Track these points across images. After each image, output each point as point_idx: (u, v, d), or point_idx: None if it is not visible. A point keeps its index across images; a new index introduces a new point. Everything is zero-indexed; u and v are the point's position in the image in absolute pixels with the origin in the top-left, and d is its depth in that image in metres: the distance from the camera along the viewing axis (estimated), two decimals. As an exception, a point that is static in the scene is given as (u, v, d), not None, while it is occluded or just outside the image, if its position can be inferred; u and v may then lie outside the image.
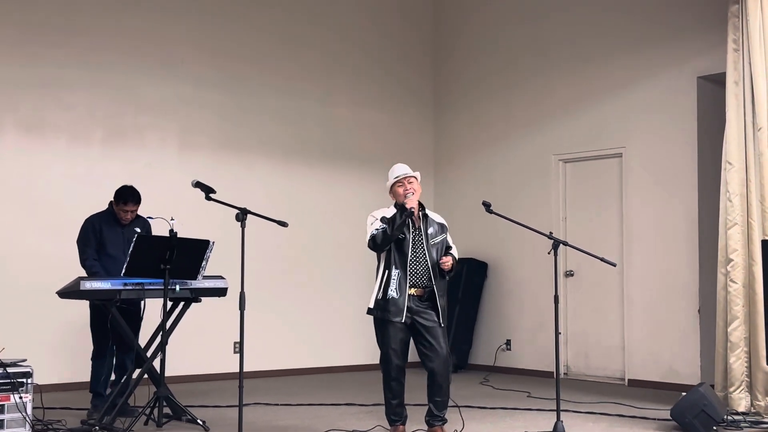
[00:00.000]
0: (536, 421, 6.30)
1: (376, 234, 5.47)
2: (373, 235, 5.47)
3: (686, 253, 7.97)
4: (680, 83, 8.07)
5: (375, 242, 5.48)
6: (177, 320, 6.40)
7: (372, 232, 5.50)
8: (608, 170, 8.70)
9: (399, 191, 5.62)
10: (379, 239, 5.47)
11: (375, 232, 5.48)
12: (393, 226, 5.46)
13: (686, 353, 7.89)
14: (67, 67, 8.03)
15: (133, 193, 6.43)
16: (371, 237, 5.48)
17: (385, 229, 5.46)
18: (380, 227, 5.48)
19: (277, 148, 9.21)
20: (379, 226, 5.50)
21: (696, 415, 5.82)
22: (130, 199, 6.40)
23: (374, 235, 5.47)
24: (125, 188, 6.47)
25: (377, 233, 5.47)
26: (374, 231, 5.49)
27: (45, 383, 6.49)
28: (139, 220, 6.57)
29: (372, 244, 5.50)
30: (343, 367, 9.38)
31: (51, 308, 7.20)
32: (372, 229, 5.53)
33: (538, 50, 9.32)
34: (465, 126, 10.02)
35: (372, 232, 5.49)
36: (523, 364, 9.20)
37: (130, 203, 6.40)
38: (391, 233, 5.45)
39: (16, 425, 5.75)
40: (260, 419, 6.35)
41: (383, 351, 5.57)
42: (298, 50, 9.43)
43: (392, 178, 5.66)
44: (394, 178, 5.65)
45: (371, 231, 5.51)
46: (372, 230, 5.51)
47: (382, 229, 5.47)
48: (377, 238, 5.47)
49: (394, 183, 5.64)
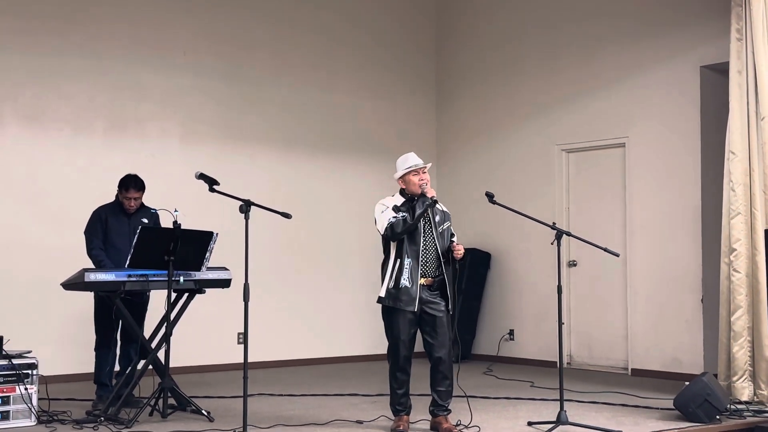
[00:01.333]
0: (539, 411, 6.31)
1: (395, 222, 5.45)
2: (392, 224, 5.45)
3: (689, 242, 7.97)
4: (683, 73, 8.05)
5: (394, 231, 5.46)
6: (181, 311, 6.41)
7: (390, 219, 5.47)
8: (611, 160, 8.70)
9: (414, 180, 5.60)
10: (399, 228, 5.45)
11: (393, 220, 5.46)
12: (414, 215, 5.46)
13: (689, 343, 7.90)
14: (67, 57, 8.01)
15: (135, 180, 6.45)
16: (390, 225, 5.45)
17: (405, 217, 5.45)
18: (400, 215, 5.47)
19: (279, 137, 9.21)
20: (393, 214, 5.49)
21: (699, 405, 5.83)
22: (132, 185, 6.41)
23: (393, 223, 5.45)
24: (128, 176, 6.50)
25: (396, 222, 5.45)
26: (392, 219, 5.47)
27: (50, 374, 6.50)
28: (146, 211, 6.57)
29: (390, 232, 5.47)
30: (346, 357, 9.39)
31: (55, 300, 7.22)
32: (386, 216, 5.51)
33: (542, 40, 9.30)
34: (468, 115, 10.00)
35: (390, 220, 5.47)
36: (527, 354, 9.21)
37: (132, 190, 6.40)
38: (412, 222, 5.45)
39: (22, 416, 5.78)
40: (264, 410, 6.37)
41: (392, 341, 5.58)
42: (300, 39, 9.41)
43: (405, 166, 5.63)
44: (407, 168, 5.62)
45: (387, 219, 5.48)
46: (387, 218, 5.49)
47: (403, 217, 5.46)
48: (397, 226, 5.45)
49: (408, 172, 5.63)
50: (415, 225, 5.48)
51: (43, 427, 5.70)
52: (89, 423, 5.76)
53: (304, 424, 5.82)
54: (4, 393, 5.73)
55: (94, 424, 5.71)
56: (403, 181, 5.66)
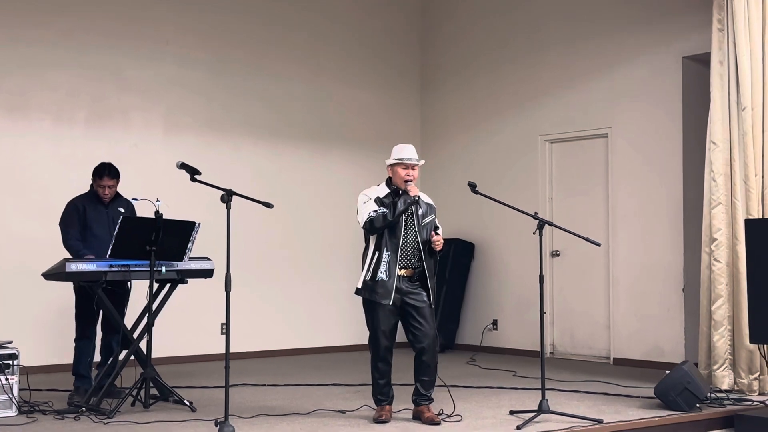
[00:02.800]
0: (522, 400, 6.34)
1: (375, 217, 5.45)
2: (371, 219, 5.45)
3: (671, 232, 8.01)
4: (666, 63, 8.08)
5: (373, 225, 5.47)
6: (163, 302, 6.39)
7: (370, 214, 5.47)
8: (594, 150, 8.73)
9: (401, 173, 5.59)
10: (378, 223, 5.46)
11: (373, 215, 5.46)
12: (394, 211, 5.46)
13: (671, 332, 7.95)
14: (50, 47, 7.97)
15: (109, 168, 6.41)
16: (369, 220, 5.46)
17: (386, 214, 5.45)
18: (380, 211, 5.47)
19: (263, 129, 9.19)
20: (374, 207, 5.49)
21: (679, 393, 5.88)
22: (106, 173, 6.38)
23: (373, 218, 5.45)
24: (102, 164, 6.47)
25: (376, 217, 5.45)
26: (372, 214, 5.47)
27: (31, 365, 6.48)
28: (122, 200, 6.55)
29: (369, 226, 5.48)
30: (329, 347, 9.40)
31: (36, 290, 7.19)
32: (366, 208, 5.51)
33: (525, 31, 9.31)
34: (452, 106, 10.01)
35: (370, 215, 5.47)
36: (510, 343, 9.25)
37: (107, 178, 6.38)
38: (392, 218, 5.46)
39: (3, 407, 5.76)
40: (247, 400, 6.37)
41: (372, 332, 5.60)
42: (284, 31, 9.38)
43: (397, 156, 5.62)
44: (399, 159, 5.61)
45: (368, 212, 5.48)
46: (368, 211, 5.49)
47: (383, 213, 5.46)
48: (376, 221, 5.45)
49: (398, 163, 5.62)
50: (395, 222, 5.49)
51: (24, 418, 5.68)
52: (70, 413, 5.74)
53: (286, 414, 5.83)
54: (-15, 383, 5.70)
55: (75, 415, 5.70)
56: (391, 170, 5.66)
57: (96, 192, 6.45)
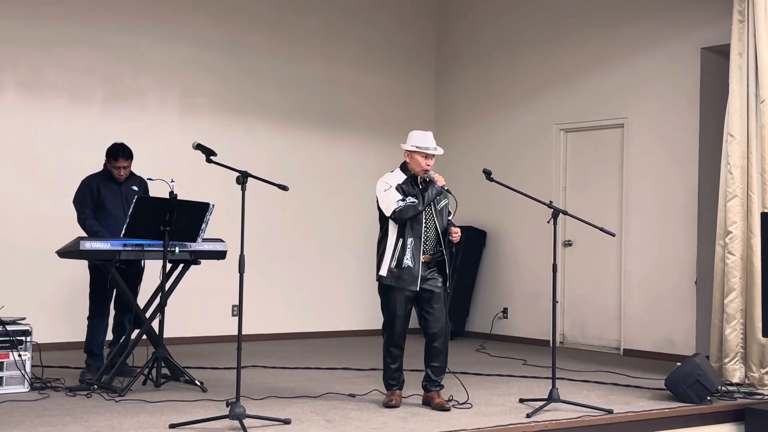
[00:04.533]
0: (531, 389, 6.34)
1: (404, 208, 5.44)
2: (401, 209, 5.44)
3: (685, 224, 7.98)
4: (684, 54, 8.03)
5: (403, 216, 5.45)
6: (176, 282, 6.41)
7: (399, 203, 5.45)
8: (610, 140, 8.69)
9: (421, 162, 5.55)
10: (408, 213, 5.45)
11: (402, 204, 5.44)
12: (423, 201, 5.46)
13: (682, 324, 7.93)
14: (67, 25, 7.98)
15: (123, 149, 6.42)
16: (399, 210, 5.44)
17: (416, 204, 5.44)
18: (408, 200, 5.45)
19: (277, 112, 9.18)
20: (398, 196, 5.46)
21: (690, 385, 5.86)
22: (121, 154, 6.39)
23: (402, 209, 5.44)
24: (115, 145, 6.47)
25: (406, 207, 5.44)
26: (401, 204, 5.45)
27: (43, 342, 6.51)
28: (135, 179, 6.56)
29: (399, 215, 5.45)
30: (340, 332, 9.41)
31: (50, 268, 7.24)
32: (390, 197, 5.48)
33: (541, 18, 9.25)
34: (466, 93, 9.97)
35: (399, 204, 5.45)
36: (520, 332, 9.25)
37: (121, 159, 6.38)
38: (422, 208, 5.46)
39: (15, 383, 5.81)
40: (258, 381, 6.39)
41: (388, 317, 5.60)
42: (300, 14, 9.36)
43: (416, 144, 5.57)
44: (419, 147, 5.57)
45: (394, 201, 5.46)
46: (393, 200, 5.46)
47: (412, 203, 5.45)
48: (405, 212, 5.44)
49: (418, 151, 5.58)
50: (423, 211, 5.49)
51: (36, 394, 5.72)
52: (82, 391, 5.78)
53: (296, 396, 5.85)
54: (-2, 359, 5.75)
55: (87, 392, 5.73)
56: (409, 156, 5.63)
57: (109, 171, 6.46)
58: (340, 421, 5.18)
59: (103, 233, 6.23)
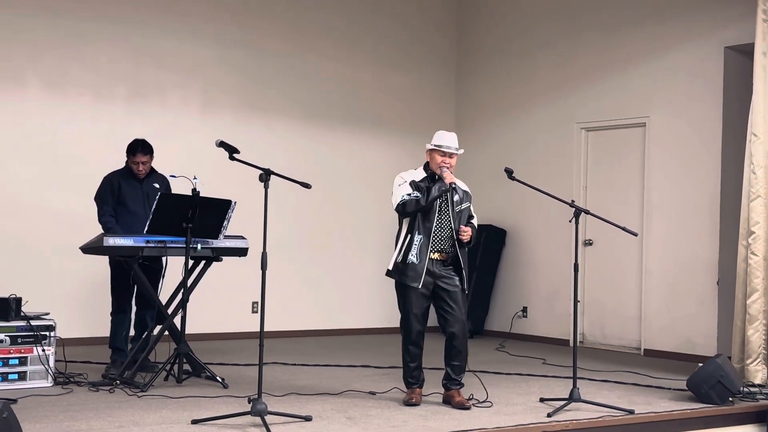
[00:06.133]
0: (552, 388, 6.33)
1: (407, 201, 5.46)
2: (404, 202, 5.46)
3: (707, 224, 7.93)
4: (707, 53, 7.98)
5: (405, 209, 5.48)
6: (198, 279, 6.45)
7: (403, 197, 5.48)
8: (631, 140, 8.65)
9: (438, 159, 5.57)
10: (410, 207, 5.47)
11: (407, 198, 5.47)
12: (428, 197, 5.46)
13: (704, 325, 7.88)
14: (90, 22, 8.03)
15: (142, 144, 6.46)
16: (402, 203, 5.47)
17: (419, 198, 5.45)
18: (413, 194, 5.47)
19: (298, 109, 9.20)
20: (409, 191, 5.49)
21: (712, 386, 5.84)
22: (140, 149, 6.43)
23: (405, 201, 5.46)
24: (135, 140, 6.52)
25: (409, 200, 5.46)
26: (405, 197, 5.47)
27: (67, 337, 6.56)
28: (157, 176, 6.60)
29: (401, 209, 5.50)
30: (360, 329, 9.43)
31: (74, 263, 7.30)
32: (401, 191, 5.51)
33: (562, 16, 9.22)
34: (487, 91, 9.96)
35: (403, 197, 5.48)
36: (539, 331, 9.23)
37: (140, 154, 6.42)
38: (425, 203, 5.46)
39: (39, 377, 5.86)
40: (278, 378, 6.41)
41: (404, 315, 5.61)
42: (321, 11, 9.37)
43: (436, 142, 5.59)
44: (437, 145, 5.58)
45: (401, 195, 5.49)
46: (402, 194, 5.50)
47: (416, 197, 5.46)
48: (408, 205, 5.46)
49: (436, 149, 5.60)
50: (428, 207, 5.48)
51: (60, 389, 5.77)
52: (105, 386, 5.83)
53: (317, 394, 5.86)
54: (22, 354, 5.80)
55: (110, 387, 5.78)
56: (429, 154, 5.64)
57: (131, 168, 6.50)
58: (361, 418, 5.20)
59: (115, 229, 6.26)
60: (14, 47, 7.70)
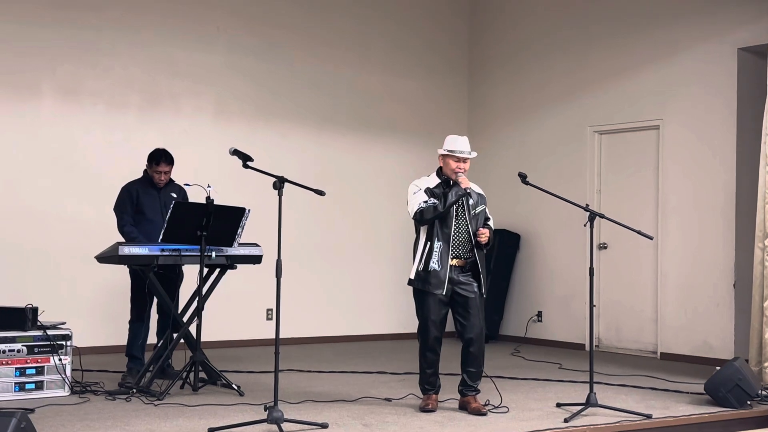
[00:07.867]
0: (568, 393, 6.31)
1: (425, 209, 5.46)
2: (422, 209, 5.47)
3: (723, 227, 7.89)
4: (720, 55, 7.94)
5: (423, 216, 5.48)
6: (213, 286, 6.46)
7: (420, 204, 5.48)
8: (645, 142, 8.62)
9: (451, 165, 5.58)
10: (428, 215, 5.47)
11: (423, 206, 5.47)
12: (445, 203, 5.46)
13: (720, 328, 7.84)
14: (104, 31, 8.07)
15: (165, 154, 6.50)
16: (420, 211, 5.47)
17: (436, 205, 5.45)
18: (430, 202, 5.47)
19: (311, 116, 9.22)
20: (425, 198, 5.49)
21: (730, 390, 5.80)
22: (163, 159, 6.47)
23: (423, 209, 5.46)
24: (158, 150, 6.55)
25: (426, 208, 5.46)
26: (422, 204, 5.48)
27: (83, 346, 6.59)
28: (174, 186, 6.63)
29: (419, 217, 5.50)
30: (376, 335, 9.43)
31: (90, 273, 7.34)
32: (417, 199, 5.52)
33: (575, 19, 9.21)
34: (500, 97, 9.95)
35: (420, 205, 5.48)
36: (554, 335, 9.20)
37: (163, 164, 6.46)
38: (443, 209, 5.46)
39: (56, 386, 5.88)
40: (294, 385, 6.42)
41: (422, 322, 5.61)
42: (333, 18, 9.39)
43: (449, 147, 5.60)
44: (450, 151, 5.59)
45: (418, 202, 5.50)
46: (418, 201, 5.50)
47: (433, 204, 5.46)
48: (426, 213, 5.46)
49: (449, 155, 5.60)
50: (446, 213, 5.48)
51: (77, 398, 5.78)
52: (122, 395, 5.84)
53: (333, 401, 5.86)
54: (39, 363, 5.83)
55: (127, 396, 5.79)
56: (442, 160, 5.65)
57: (149, 177, 6.53)
58: (377, 425, 5.19)
59: (140, 239, 6.29)
60: (30, 58, 7.75)
